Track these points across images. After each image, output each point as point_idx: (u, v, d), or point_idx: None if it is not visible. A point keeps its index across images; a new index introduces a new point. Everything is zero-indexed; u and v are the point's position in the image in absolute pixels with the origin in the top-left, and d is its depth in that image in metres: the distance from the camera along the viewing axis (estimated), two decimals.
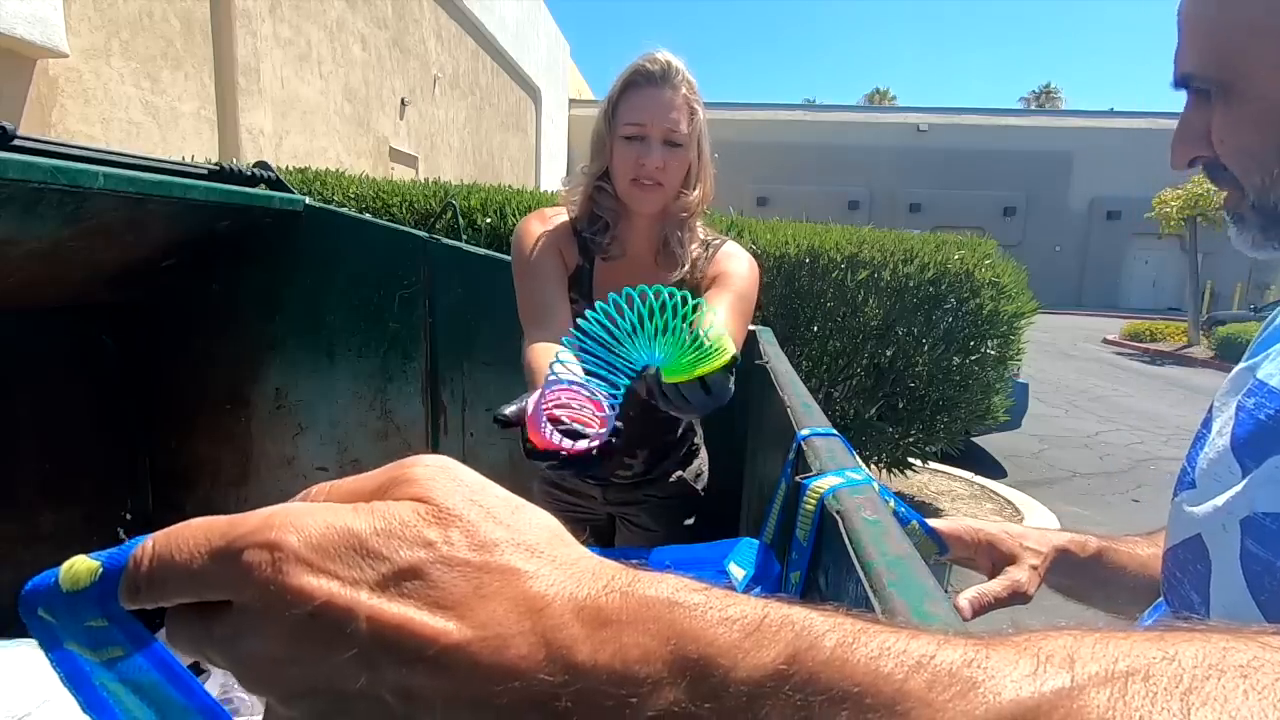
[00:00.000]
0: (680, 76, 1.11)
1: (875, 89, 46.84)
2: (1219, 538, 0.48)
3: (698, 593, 0.22)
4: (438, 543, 0.22)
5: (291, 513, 0.23)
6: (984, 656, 0.19)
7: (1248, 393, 0.52)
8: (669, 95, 1.10)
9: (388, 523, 0.22)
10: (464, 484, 0.24)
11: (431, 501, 0.23)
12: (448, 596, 0.21)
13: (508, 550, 0.23)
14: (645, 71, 1.10)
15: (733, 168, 22.18)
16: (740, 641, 0.21)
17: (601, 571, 0.23)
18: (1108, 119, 24.53)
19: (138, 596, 0.23)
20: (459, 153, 11.80)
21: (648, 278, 1.22)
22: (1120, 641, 0.19)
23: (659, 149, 1.10)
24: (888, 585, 0.41)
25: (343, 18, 7.72)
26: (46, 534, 1.69)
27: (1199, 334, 12.91)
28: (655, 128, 1.09)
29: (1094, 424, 6.68)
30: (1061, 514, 4.05)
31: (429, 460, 0.25)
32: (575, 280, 1.23)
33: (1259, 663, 0.18)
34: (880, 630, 0.21)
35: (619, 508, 1.37)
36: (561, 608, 0.22)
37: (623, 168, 1.12)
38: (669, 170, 1.12)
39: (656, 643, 0.21)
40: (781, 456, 0.83)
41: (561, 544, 0.24)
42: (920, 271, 3.37)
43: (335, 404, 1.87)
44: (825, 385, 3.44)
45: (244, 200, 1.56)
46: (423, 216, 3.22)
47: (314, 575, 0.21)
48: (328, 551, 0.22)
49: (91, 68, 4.63)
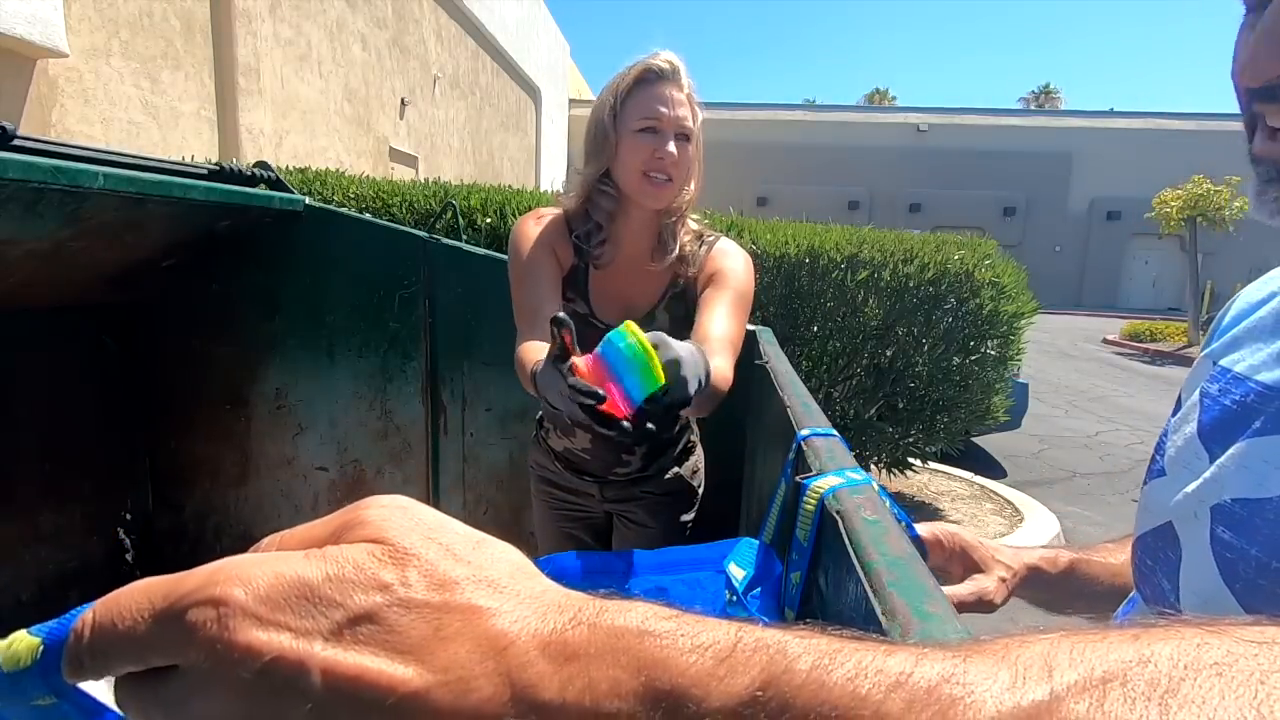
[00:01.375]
0: (684, 76, 1.14)
1: (875, 89, 46.83)
2: (1189, 525, 0.48)
3: (668, 620, 0.22)
4: (394, 584, 0.21)
5: (238, 565, 0.22)
6: (962, 671, 0.19)
7: (1210, 379, 0.52)
8: (678, 92, 1.13)
9: (340, 567, 0.21)
10: (422, 522, 0.24)
11: (387, 542, 0.22)
12: (406, 640, 0.20)
13: (469, 588, 0.22)
14: (657, 68, 1.13)
15: (733, 168, 22.18)
16: (714, 669, 0.20)
17: (567, 604, 0.22)
18: (1108, 119, 24.50)
19: (82, 670, 0.22)
20: (459, 153, 11.79)
21: (643, 275, 1.23)
22: (1097, 645, 0.19)
23: (673, 141, 1.12)
24: (888, 585, 0.41)
25: (343, 18, 7.71)
26: (46, 534, 1.69)
27: (1199, 334, 12.90)
28: (669, 122, 1.12)
29: (1094, 424, 6.68)
30: (1061, 514, 4.05)
31: (384, 500, 0.24)
32: (571, 279, 1.24)
33: (1232, 658, 0.18)
34: (857, 649, 0.20)
35: (616, 505, 1.37)
36: (526, 644, 0.21)
37: (633, 161, 1.13)
38: (681, 164, 1.14)
39: (627, 675, 0.20)
40: (781, 456, 0.83)
41: (526, 577, 0.23)
42: (920, 271, 3.36)
43: (335, 404, 1.88)
44: (825, 385, 3.44)
45: (244, 200, 1.56)
46: (423, 216, 3.22)
47: (263, 629, 0.20)
48: (277, 603, 0.21)
49: (91, 68, 4.63)
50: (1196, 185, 12.24)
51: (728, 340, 1.07)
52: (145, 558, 1.94)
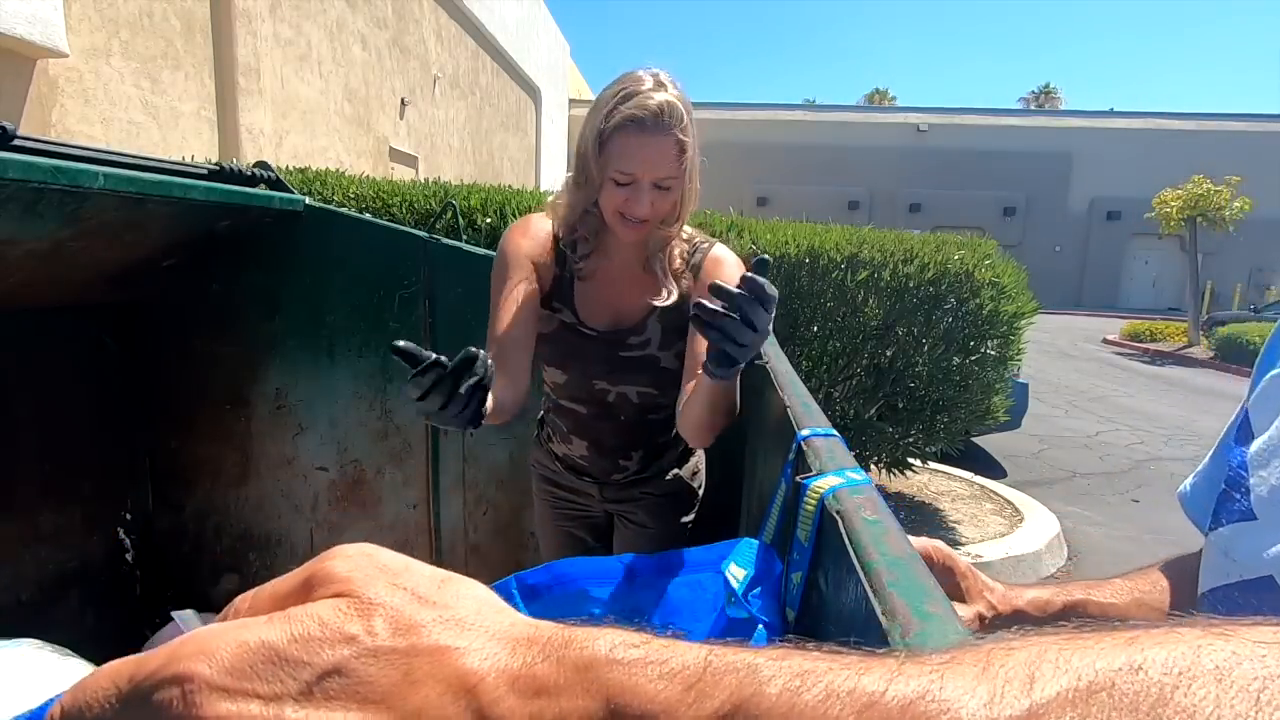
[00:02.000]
0: (675, 116, 1.05)
1: (875, 89, 46.82)
2: None
3: (636, 647, 0.22)
4: (360, 635, 0.21)
5: (199, 638, 0.22)
6: (938, 687, 0.19)
7: None
8: (663, 143, 1.05)
9: (305, 627, 0.22)
10: (386, 568, 0.24)
11: (353, 594, 0.22)
12: (376, 689, 0.21)
13: (435, 629, 0.22)
14: (638, 119, 1.04)
15: (733, 168, 22.19)
16: (682, 695, 0.20)
17: (536, 636, 0.22)
18: (1108, 119, 24.51)
19: None
20: (459, 153, 11.79)
21: (632, 285, 1.21)
22: (1086, 651, 0.19)
23: (648, 193, 1.08)
24: (888, 585, 0.41)
25: (343, 18, 7.71)
26: (46, 534, 1.69)
27: (1199, 334, 12.91)
28: (646, 176, 1.07)
29: (1094, 424, 6.68)
30: (1061, 514, 4.05)
31: (349, 550, 0.25)
32: (556, 289, 1.22)
33: (1237, 659, 0.17)
34: (830, 668, 0.20)
35: (616, 505, 1.37)
36: (495, 681, 0.21)
37: (608, 204, 1.11)
38: (657, 211, 1.10)
39: (596, 704, 0.20)
40: (781, 456, 0.83)
41: (493, 612, 0.24)
42: (920, 271, 3.36)
43: (335, 404, 1.87)
44: (825, 385, 3.44)
45: (244, 200, 1.56)
46: (423, 216, 3.22)
47: (230, 700, 0.20)
48: (243, 671, 0.21)
49: (91, 68, 4.63)
50: (1196, 185, 12.24)
51: None
52: (145, 558, 1.94)
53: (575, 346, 1.23)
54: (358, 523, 1.92)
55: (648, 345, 1.21)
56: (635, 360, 1.22)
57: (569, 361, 1.24)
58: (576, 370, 1.24)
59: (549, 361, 1.27)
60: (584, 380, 1.25)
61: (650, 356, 1.22)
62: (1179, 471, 5.17)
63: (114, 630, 1.84)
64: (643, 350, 1.21)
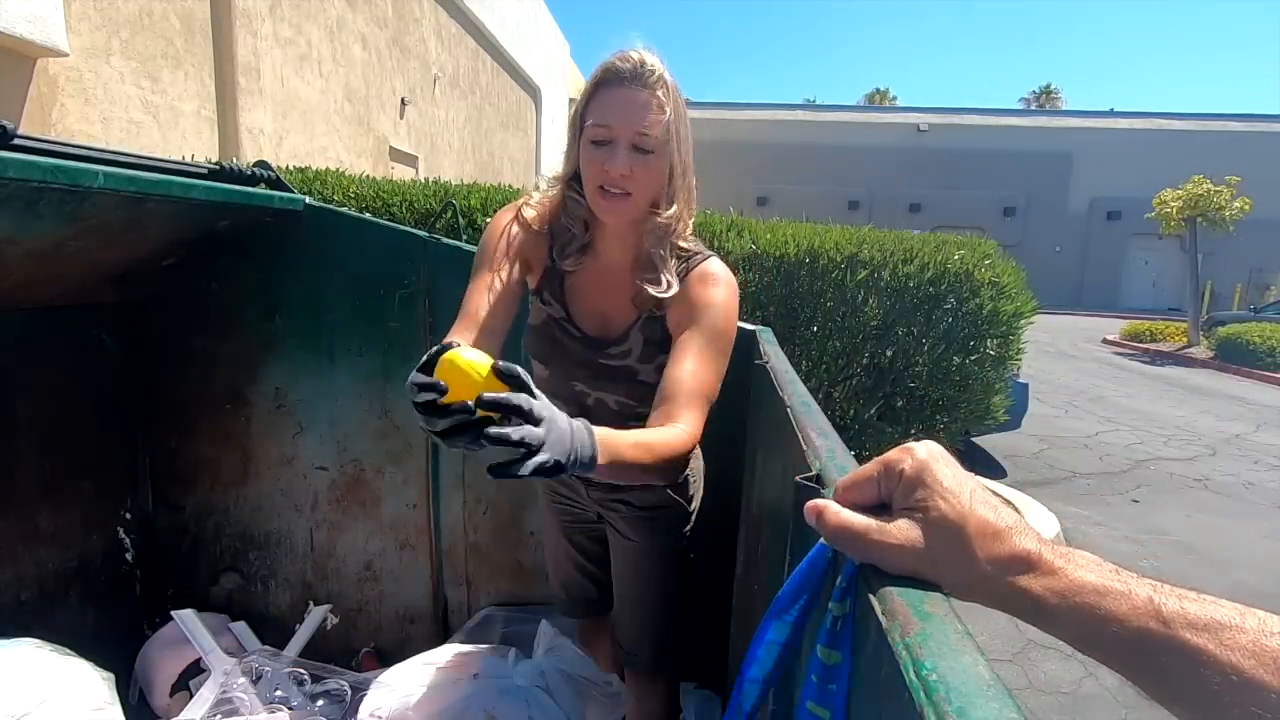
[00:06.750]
0: (655, 76, 1.00)
1: (875, 89, 46.80)
2: None
3: None
4: None
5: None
6: None
7: None
8: (641, 96, 1.00)
9: None
10: None
11: None
12: None
13: None
14: (615, 70, 1.00)
15: (733, 167, 22.18)
16: None
17: None
18: (1108, 119, 24.50)
19: None
20: (459, 152, 11.79)
21: (621, 290, 1.17)
22: None
23: (625, 154, 1.01)
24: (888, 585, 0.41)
25: (343, 17, 7.71)
26: (46, 534, 1.69)
27: (1199, 334, 12.90)
28: (623, 130, 1.00)
29: (1094, 424, 6.68)
30: (1061, 514, 4.04)
31: None
32: (547, 281, 1.19)
33: None
34: None
35: (602, 508, 1.33)
36: None
37: (588, 174, 1.04)
38: (636, 178, 1.02)
39: None
40: (782, 456, 0.83)
41: None
42: (920, 271, 3.37)
43: (335, 404, 1.87)
44: (825, 385, 3.44)
45: (244, 200, 1.56)
46: (423, 216, 3.22)
47: None
48: None
49: (91, 67, 4.63)
50: (1196, 185, 12.22)
51: (697, 393, 1.00)
52: (145, 557, 1.94)
53: (560, 344, 1.20)
54: (358, 522, 1.92)
55: (628, 356, 1.17)
56: (614, 369, 1.18)
57: (552, 358, 1.21)
58: (558, 369, 1.21)
59: (533, 354, 1.23)
60: (565, 380, 1.21)
61: (629, 368, 1.17)
62: (1179, 472, 5.17)
63: (114, 630, 1.84)
64: (623, 360, 1.17)
